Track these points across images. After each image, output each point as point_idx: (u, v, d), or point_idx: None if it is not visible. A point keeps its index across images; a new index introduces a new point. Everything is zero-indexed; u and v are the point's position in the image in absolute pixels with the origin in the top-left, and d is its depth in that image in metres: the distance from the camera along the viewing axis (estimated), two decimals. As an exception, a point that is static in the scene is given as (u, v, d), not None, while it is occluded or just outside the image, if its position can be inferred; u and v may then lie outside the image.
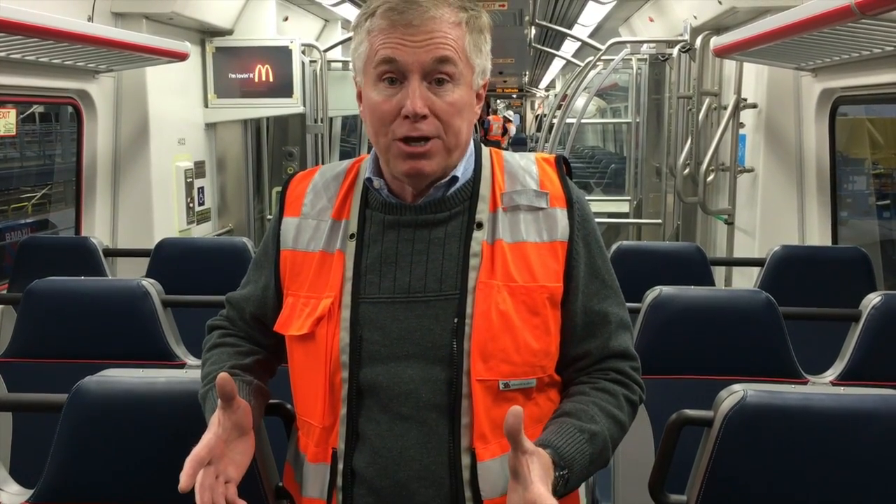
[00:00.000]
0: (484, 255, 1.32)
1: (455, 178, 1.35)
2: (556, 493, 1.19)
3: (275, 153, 6.13)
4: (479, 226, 1.34)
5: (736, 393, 1.51)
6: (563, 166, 1.42)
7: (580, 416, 1.30)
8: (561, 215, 1.36)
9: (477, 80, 1.34)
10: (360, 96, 1.36)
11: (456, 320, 1.28)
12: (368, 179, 1.38)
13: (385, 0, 1.28)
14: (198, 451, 1.22)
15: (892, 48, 2.73)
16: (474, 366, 1.27)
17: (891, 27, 2.44)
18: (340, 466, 1.30)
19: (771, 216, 4.11)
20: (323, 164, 2.54)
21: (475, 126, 1.42)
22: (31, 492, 1.55)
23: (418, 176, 1.31)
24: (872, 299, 2.38)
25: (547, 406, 1.36)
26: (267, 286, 1.45)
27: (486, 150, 1.43)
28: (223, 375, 1.22)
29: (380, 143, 1.32)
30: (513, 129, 22.23)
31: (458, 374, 1.27)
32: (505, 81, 19.96)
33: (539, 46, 10.68)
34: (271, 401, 1.58)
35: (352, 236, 1.36)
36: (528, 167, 1.41)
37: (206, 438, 1.24)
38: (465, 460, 1.27)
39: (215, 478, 1.23)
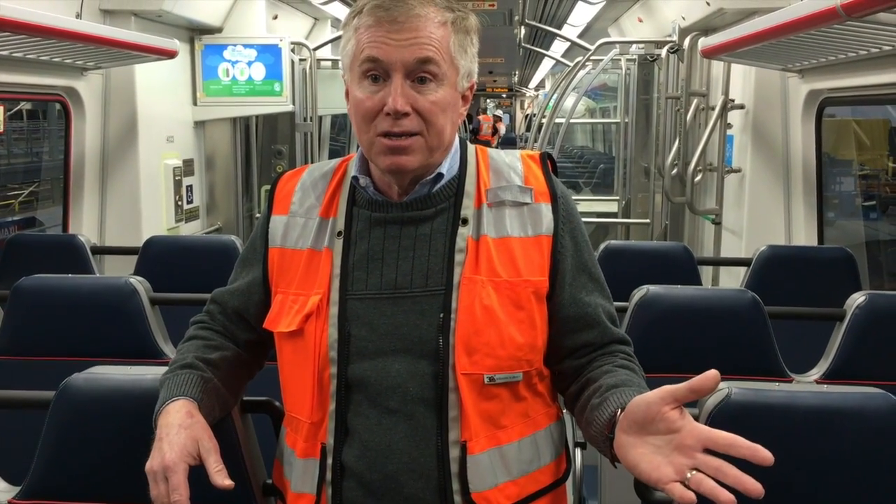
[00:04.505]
0: (469, 251, 1.33)
1: (440, 175, 1.36)
2: None
3: (264, 151, 6.12)
4: (465, 222, 1.35)
5: (720, 391, 1.52)
6: (548, 163, 1.44)
7: (632, 385, 1.28)
8: (546, 210, 1.37)
9: (462, 81, 1.35)
10: (347, 94, 1.37)
11: (441, 315, 1.29)
12: (355, 178, 1.39)
13: None
14: (216, 444, 1.26)
15: (877, 50, 2.76)
16: (458, 360, 1.27)
17: (876, 29, 2.46)
18: (330, 461, 1.31)
19: (758, 216, 4.13)
20: (312, 162, 2.54)
21: (463, 125, 1.43)
22: (17, 489, 1.55)
23: (399, 171, 1.32)
24: (857, 299, 2.40)
25: (534, 401, 1.37)
26: (253, 282, 1.46)
27: (471, 148, 1.44)
28: None
29: (363, 140, 1.33)
30: (503, 128, 22.24)
31: (444, 368, 1.28)
32: (495, 81, 19.94)
33: (529, 46, 10.70)
34: (259, 398, 1.59)
35: (339, 234, 1.37)
36: (513, 164, 1.42)
37: (205, 435, 1.28)
38: (454, 453, 1.28)
39: None
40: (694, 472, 1.08)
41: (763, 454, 1.05)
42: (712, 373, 1.09)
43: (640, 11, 6.30)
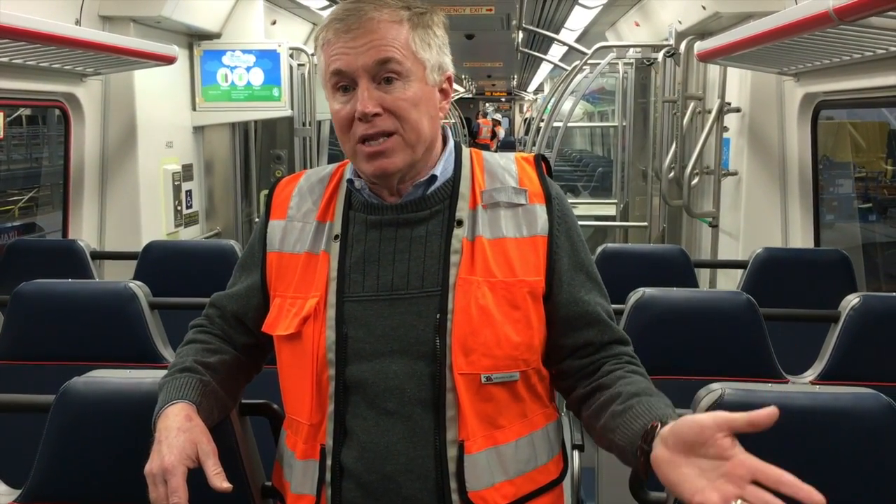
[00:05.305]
0: (464, 252, 1.34)
1: (434, 177, 1.38)
2: None
3: (263, 156, 6.13)
4: (459, 223, 1.37)
5: (714, 392, 1.54)
6: (543, 165, 1.45)
7: (653, 394, 1.29)
8: (540, 211, 1.39)
9: (432, 75, 1.36)
10: None
11: (438, 316, 1.31)
12: (350, 181, 1.41)
13: (332, 13, 1.33)
14: (214, 447, 1.27)
15: (870, 53, 2.77)
16: (455, 360, 1.29)
17: (869, 33, 2.47)
18: (329, 462, 1.33)
19: (754, 219, 4.14)
20: (311, 167, 2.57)
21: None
22: (18, 492, 1.56)
23: (384, 174, 1.34)
24: (851, 300, 2.42)
25: (531, 401, 1.38)
26: (252, 286, 1.48)
27: (466, 151, 1.46)
28: None
29: (347, 150, 1.36)
30: (502, 132, 22.26)
31: (441, 368, 1.29)
32: (493, 85, 20.00)
33: (526, 50, 10.72)
34: (257, 401, 1.60)
35: (336, 237, 1.39)
36: (508, 166, 1.44)
37: (203, 438, 1.29)
38: (451, 453, 1.29)
39: None
40: (740, 501, 1.06)
41: (814, 496, 1.04)
42: (772, 409, 1.08)
43: (636, 16, 6.32)
